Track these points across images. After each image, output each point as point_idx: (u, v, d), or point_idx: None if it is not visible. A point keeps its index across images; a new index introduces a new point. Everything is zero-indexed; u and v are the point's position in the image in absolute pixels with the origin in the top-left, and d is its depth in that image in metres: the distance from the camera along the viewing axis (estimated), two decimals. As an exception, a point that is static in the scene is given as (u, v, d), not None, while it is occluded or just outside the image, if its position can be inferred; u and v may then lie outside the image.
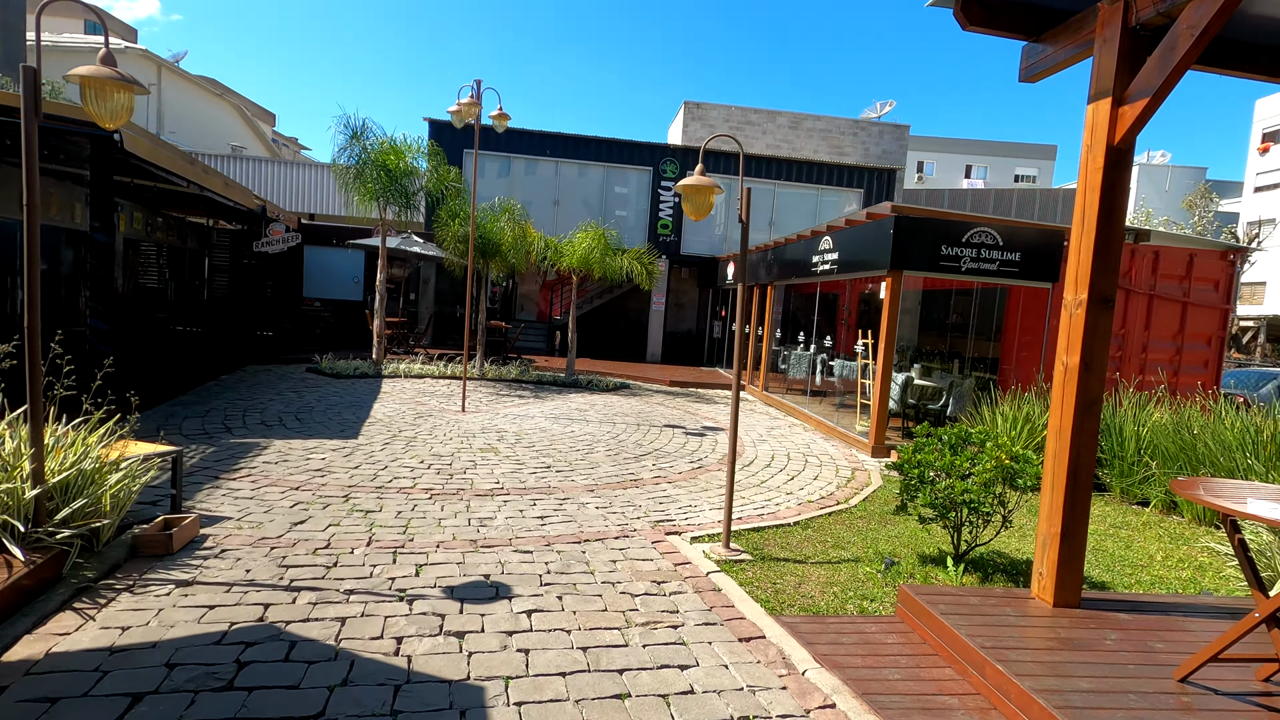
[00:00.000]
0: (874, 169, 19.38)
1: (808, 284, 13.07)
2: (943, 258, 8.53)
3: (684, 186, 4.55)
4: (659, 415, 10.61)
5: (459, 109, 9.18)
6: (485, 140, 18.34)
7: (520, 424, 9.01)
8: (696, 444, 8.61)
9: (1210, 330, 9.21)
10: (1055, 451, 3.52)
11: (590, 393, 12.62)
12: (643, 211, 19.08)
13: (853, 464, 8.15)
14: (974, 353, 11.73)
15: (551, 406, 10.67)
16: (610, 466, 7.03)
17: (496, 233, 12.73)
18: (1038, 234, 8.68)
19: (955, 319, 12.96)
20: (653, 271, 13.94)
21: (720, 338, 18.87)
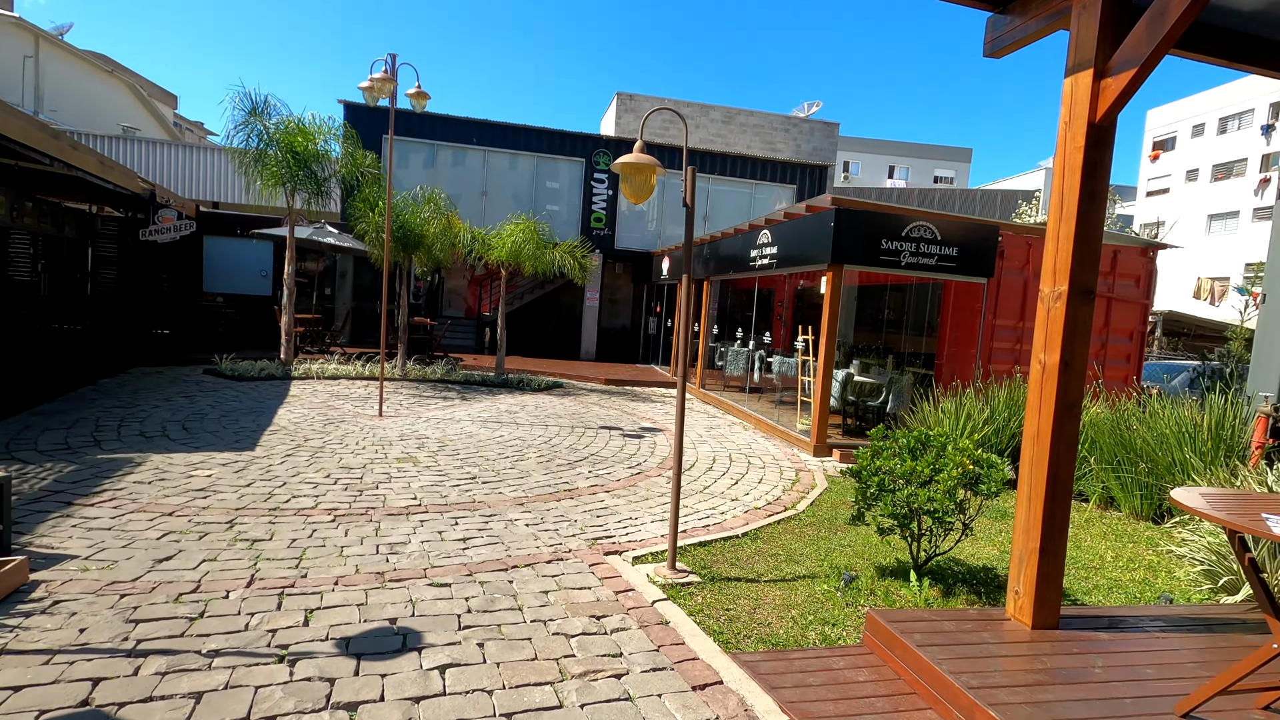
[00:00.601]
0: (806, 165, 19.42)
1: (745, 279, 12.82)
2: (883, 252, 8.36)
3: (623, 165, 4.04)
4: (594, 416, 10.09)
5: (371, 85, 8.36)
6: (407, 126, 17.31)
7: (444, 429, 8.30)
8: (635, 447, 8.14)
9: (1132, 325, 9.45)
10: (1033, 458, 3.22)
11: (521, 393, 11.97)
12: (575, 205, 18.47)
13: (796, 465, 7.87)
14: (909, 348, 11.74)
15: (479, 409, 9.98)
16: (542, 475, 6.46)
17: (419, 224, 11.89)
18: (974, 229, 8.63)
19: (890, 315, 12.99)
20: (586, 266, 13.38)
21: (656, 334, 18.51)
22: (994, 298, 8.88)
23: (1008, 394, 7.51)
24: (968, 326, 9.57)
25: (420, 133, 17.44)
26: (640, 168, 4.01)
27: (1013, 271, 8.94)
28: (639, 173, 4.02)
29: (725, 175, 19.06)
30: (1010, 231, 8.90)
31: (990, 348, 8.95)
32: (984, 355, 8.94)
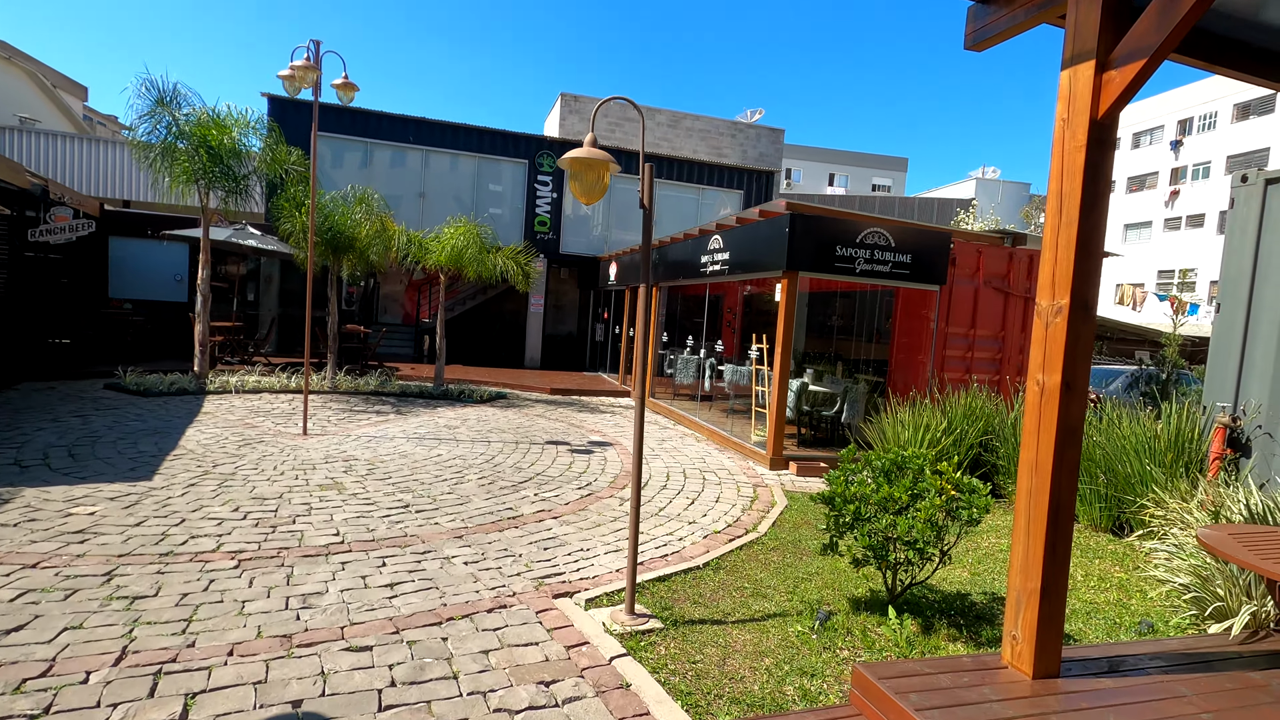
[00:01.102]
0: (753, 170, 19.34)
1: (695, 285, 12.51)
2: (837, 258, 8.15)
3: (572, 160, 3.59)
4: (540, 430, 9.55)
5: (292, 74, 7.64)
6: (339, 122, 16.38)
7: (375, 448, 7.63)
8: (584, 464, 7.66)
9: (1077, 332, 9.56)
10: (1031, 489, 2.91)
11: (462, 405, 11.31)
12: (518, 207, 17.86)
13: (753, 479, 7.55)
14: (859, 356, 11.65)
15: (416, 424, 9.30)
16: (484, 500, 5.92)
17: (350, 225, 11.10)
18: (926, 236, 8.53)
19: (839, 321, 12.91)
20: (530, 272, 12.82)
21: (603, 341, 18.05)
22: (946, 305, 8.80)
23: (965, 403, 7.38)
24: (919, 334, 9.48)
25: (353, 130, 16.51)
26: (592, 164, 3.56)
27: (964, 279, 8.89)
28: (590, 169, 3.57)
29: (672, 180, 18.79)
30: (961, 239, 8.85)
31: (943, 356, 8.87)
32: (937, 363, 8.84)
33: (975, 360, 9.07)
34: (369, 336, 15.20)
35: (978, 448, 7.21)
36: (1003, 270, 9.09)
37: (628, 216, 18.67)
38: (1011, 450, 6.91)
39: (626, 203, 18.60)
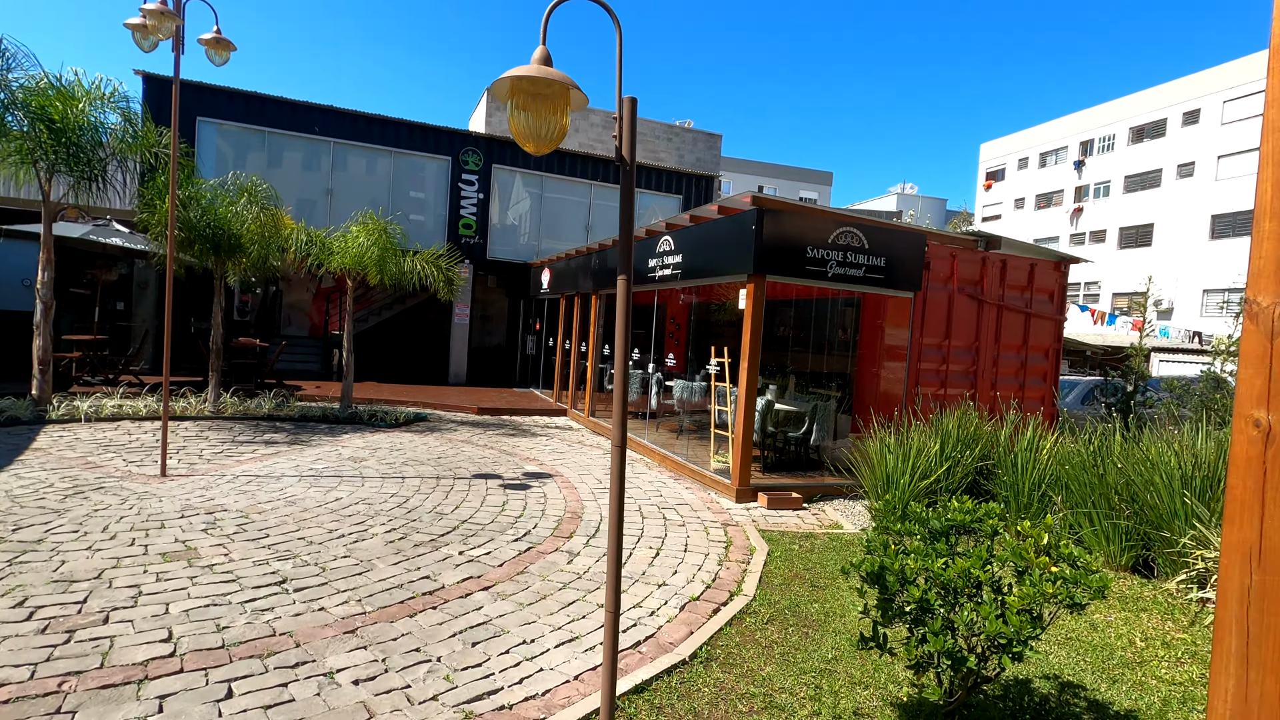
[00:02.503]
0: (693, 174, 18.50)
1: (641, 293, 11.39)
2: (809, 261, 7.21)
3: (515, 82, 2.37)
4: (466, 460, 8.15)
5: (144, 22, 6.04)
6: (231, 107, 14.42)
7: (255, 493, 6.07)
8: (520, 504, 6.36)
9: (1047, 342, 9.02)
10: (1251, 593, 1.89)
11: (373, 430, 9.74)
12: (441, 209, 16.30)
13: (719, 516, 6.44)
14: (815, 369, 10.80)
15: (313, 457, 7.73)
16: (391, 566, 4.54)
17: (232, 219, 9.37)
18: (901, 238, 7.73)
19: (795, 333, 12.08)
20: (453, 278, 11.39)
21: (535, 354, 16.68)
22: (920, 314, 8.02)
23: (957, 423, 6.53)
24: (889, 346, 8.68)
25: (248, 116, 14.57)
26: (545, 92, 2.36)
27: (937, 285, 8.15)
28: (543, 101, 2.36)
29: (609, 182, 17.68)
30: (935, 241, 8.11)
31: (918, 369, 8.08)
32: (912, 377, 8.04)
33: (950, 374, 8.33)
34: (267, 351, 13.30)
35: (973, 474, 6.36)
36: (976, 276, 8.41)
37: (564, 219, 17.41)
38: (1017, 479, 6.08)
39: (562, 203, 17.35)
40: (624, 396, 2.57)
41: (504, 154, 16.64)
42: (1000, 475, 6.23)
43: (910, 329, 8.01)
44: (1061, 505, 5.85)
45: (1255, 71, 35.08)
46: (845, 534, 6.12)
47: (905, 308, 8.12)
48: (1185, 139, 38.60)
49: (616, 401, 2.53)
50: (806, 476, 7.99)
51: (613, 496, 2.58)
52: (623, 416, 2.54)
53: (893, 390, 8.49)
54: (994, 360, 8.61)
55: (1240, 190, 35.31)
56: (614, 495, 2.58)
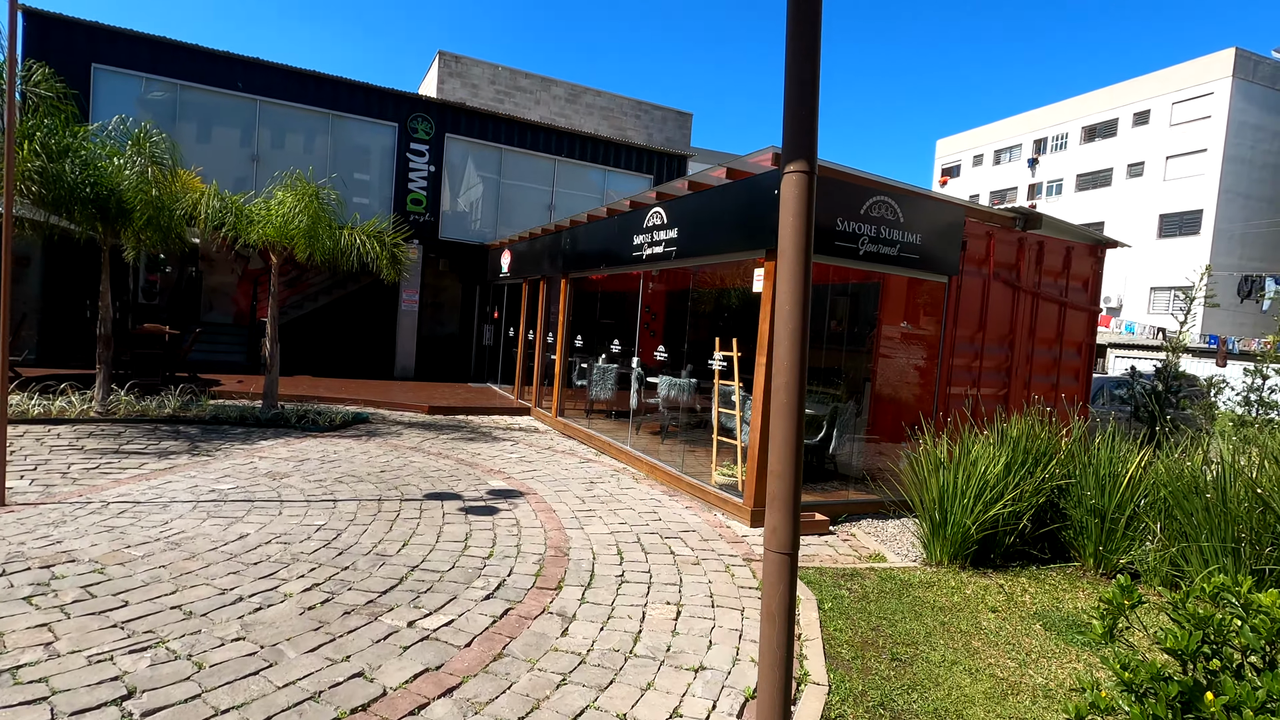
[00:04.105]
0: (664, 153, 17.16)
1: (620, 277, 10.03)
2: (838, 235, 5.99)
3: None
4: (416, 473, 6.67)
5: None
6: (134, 54, 12.36)
7: (126, 530, 4.49)
8: (487, 536, 4.95)
9: (1081, 336, 8.07)
10: None
11: (302, 435, 8.12)
12: (386, 181, 14.54)
13: (737, 547, 5.18)
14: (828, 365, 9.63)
15: (219, 472, 6.12)
16: (306, 656, 3.09)
17: (114, 175, 7.57)
18: (938, 211, 6.59)
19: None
20: (399, 256, 9.79)
21: (493, 345, 15.11)
22: (954, 302, 6.91)
23: (1024, 433, 5.41)
24: (914, 339, 7.57)
25: (156, 67, 12.52)
26: None
27: (972, 269, 7.06)
28: None
29: (573, 158, 16.20)
30: (973, 218, 7.00)
31: (950, 365, 6.97)
32: (943, 376, 6.93)
33: (984, 371, 7.26)
34: (179, 340, 11.41)
35: (1047, 496, 5.25)
36: (1013, 259, 7.36)
37: (525, 197, 15.84)
38: (1103, 503, 4.98)
39: (522, 179, 15.77)
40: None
41: (458, 123, 14.97)
42: (1079, 498, 5.13)
43: (944, 319, 6.89)
44: (1162, 536, 4.79)
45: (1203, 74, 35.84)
46: (895, 570, 4.94)
47: (937, 294, 7.00)
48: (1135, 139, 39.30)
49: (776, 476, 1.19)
50: (825, 491, 6.81)
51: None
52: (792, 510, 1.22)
53: (919, 390, 7.38)
54: (1028, 356, 7.59)
55: (1187, 190, 36.07)
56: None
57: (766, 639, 2.16)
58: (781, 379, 2.12)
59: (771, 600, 2.15)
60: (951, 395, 7.01)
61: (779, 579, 2.12)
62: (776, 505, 2.14)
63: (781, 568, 2.11)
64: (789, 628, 2.13)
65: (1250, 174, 34.42)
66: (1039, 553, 5.40)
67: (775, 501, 2.14)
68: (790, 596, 2.11)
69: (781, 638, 2.11)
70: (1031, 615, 4.25)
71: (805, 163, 2.14)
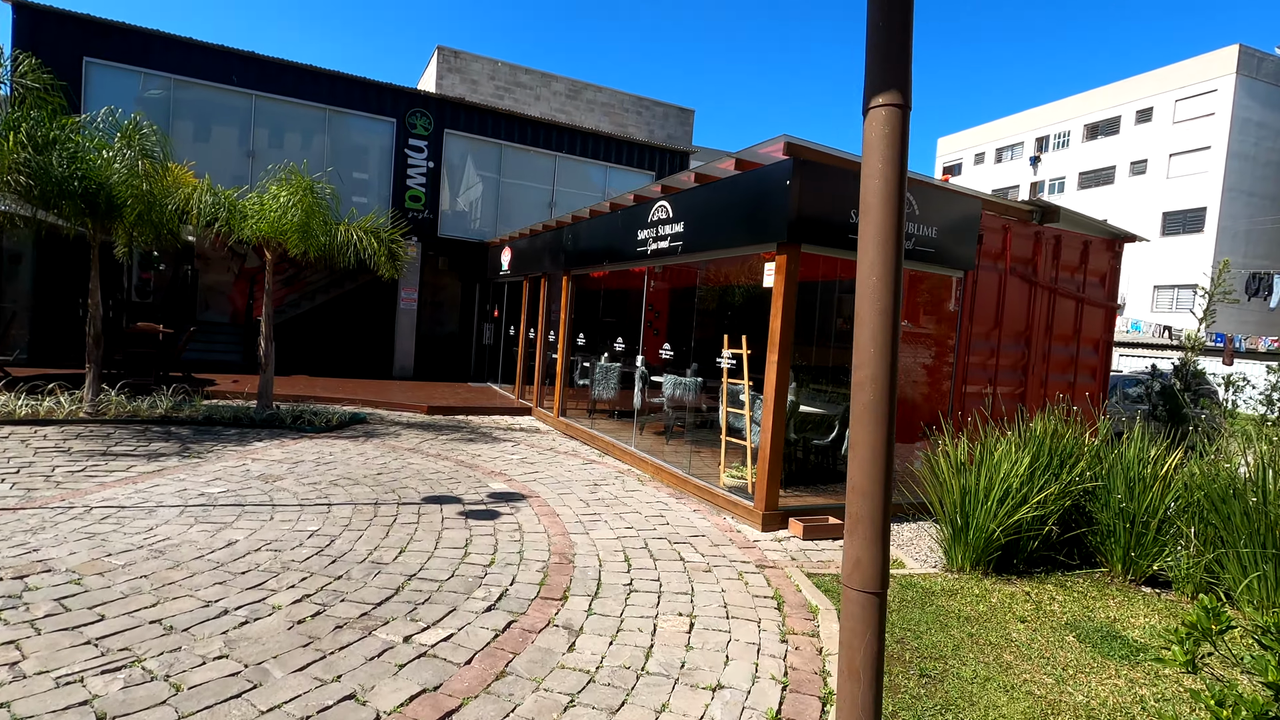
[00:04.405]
0: (667, 149, 16.93)
1: (623, 273, 9.80)
2: (852, 228, 5.77)
3: None
4: (415, 475, 6.44)
5: None
6: (126, 48, 12.13)
7: (109, 536, 4.26)
8: (488, 542, 4.73)
9: (1098, 333, 7.86)
10: None
11: (297, 436, 7.89)
12: (385, 178, 14.30)
13: (749, 553, 4.96)
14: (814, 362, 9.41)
15: (210, 475, 5.90)
16: (293, 676, 2.87)
17: (103, 168, 7.34)
18: (955, 203, 6.37)
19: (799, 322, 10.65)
20: (398, 252, 9.57)
21: (493, 344, 14.88)
22: (970, 298, 6.69)
23: (1048, 433, 5.19)
24: (926, 336, 7.35)
25: (149, 60, 12.28)
26: None
27: (988, 264, 6.84)
28: None
29: (574, 155, 15.96)
30: (989, 211, 6.78)
31: (966, 363, 6.75)
32: (959, 374, 6.70)
33: (1000, 370, 7.04)
34: (173, 338, 11.19)
35: (1072, 499, 5.02)
36: (1029, 254, 7.14)
37: (526, 194, 15.61)
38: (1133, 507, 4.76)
39: (522, 174, 15.53)
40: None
41: (457, 118, 14.74)
42: (1107, 500, 4.90)
43: (959, 315, 6.67)
44: (1195, 542, 4.57)
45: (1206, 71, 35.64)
46: (916, 577, 4.72)
47: (952, 289, 6.77)
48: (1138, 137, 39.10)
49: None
50: (836, 493, 6.58)
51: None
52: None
53: (933, 389, 7.15)
54: (1045, 354, 7.37)
55: (1190, 188, 35.87)
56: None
57: (848, 700, 1.80)
58: (866, 371, 1.79)
59: (854, 653, 1.77)
60: (967, 394, 6.80)
61: (864, 625, 1.76)
62: (860, 531, 1.80)
63: (868, 611, 1.76)
64: (877, 688, 1.77)
65: (1254, 171, 34.22)
66: (1064, 558, 5.17)
67: (859, 526, 1.81)
68: (879, 647, 1.75)
69: (868, 699, 1.75)
70: (1063, 625, 4.03)
71: (898, 94, 1.71)
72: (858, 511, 1.79)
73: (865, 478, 1.78)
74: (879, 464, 1.73)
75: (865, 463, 1.77)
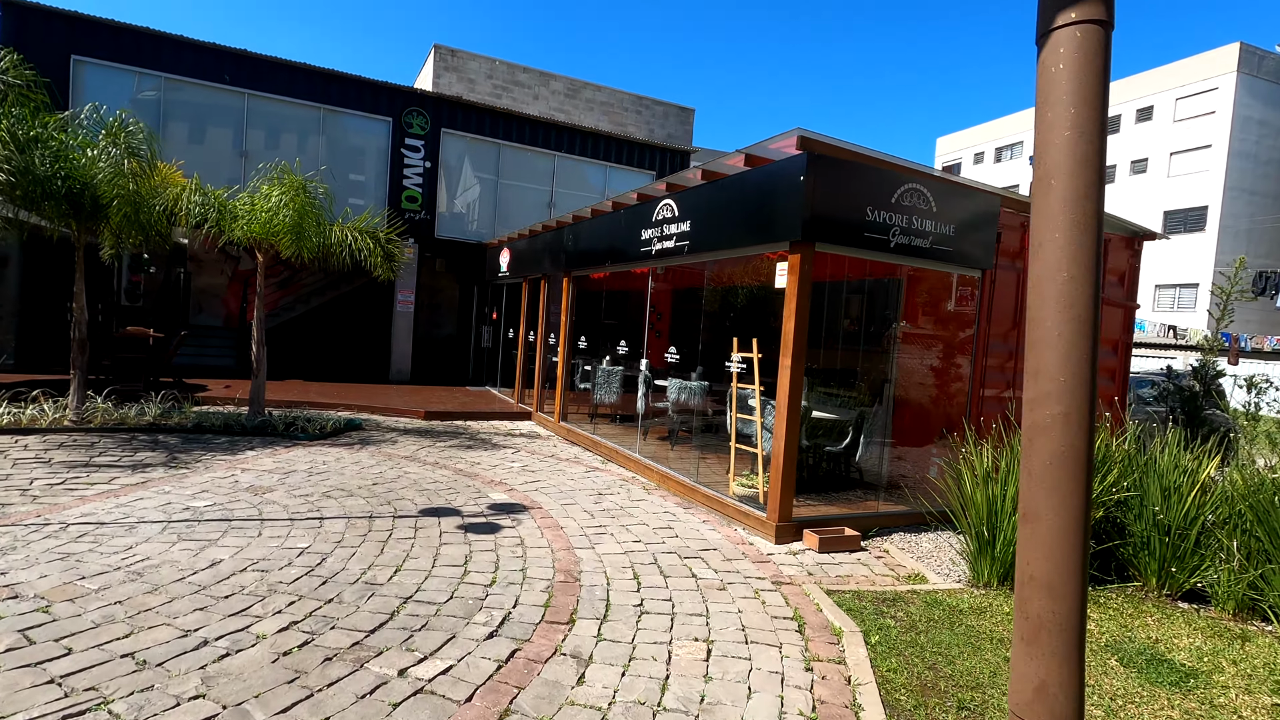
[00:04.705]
0: (668, 149, 16.68)
1: (625, 275, 9.55)
2: (868, 226, 5.52)
3: None
4: (411, 485, 6.17)
5: None
6: (117, 46, 11.86)
7: (84, 556, 3.99)
8: (489, 559, 4.46)
9: (1117, 334, 7.62)
10: None
11: (290, 444, 7.62)
12: (380, 178, 14.03)
13: (764, 568, 4.70)
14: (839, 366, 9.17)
15: (196, 487, 5.62)
16: (275, 714, 2.60)
17: (87, 167, 7.06)
18: (974, 200, 6.12)
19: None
20: (394, 253, 9.31)
21: (492, 347, 14.62)
22: (988, 297, 6.44)
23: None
24: (941, 338, 7.10)
25: (139, 59, 12.00)
26: None
27: (1005, 263, 6.59)
28: None
29: (573, 154, 15.70)
30: (1008, 208, 6.53)
31: (984, 366, 6.50)
32: (977, 377, 6.45)
33: (1018, 373, 6.78)
34: (164, 343, 10.90)
35: (1104, 509, 4.77)
36: (1047, 253, 6.88)
37: (524, 194, 15.36)
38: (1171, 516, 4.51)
39: (520, 173, 15.27)
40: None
41: (454, 117, 14.48)
42: (1140, 511, 4.65)
43: (978, 316, 6.42)
44: (1238, 556, 4.32)
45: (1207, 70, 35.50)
46: (941, 594, 4.46)
47: (969, 289, 6.52)
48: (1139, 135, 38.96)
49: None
50: (851, 502, 6.33)
51: None
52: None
53: (947, 393, 6.91)
54: (1063, 355, 7.10)
55: (1192, 187, 35.71)
56: None
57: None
58: (1053, 408, 1.14)
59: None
60: (985, 398, 6.55)
61: None
62: (1044, 642, 1.08)
63: None
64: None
65: (1256, 169, 34.07)
66: (1096, 571, 4.92)
67: (1042, 635, 1.10)
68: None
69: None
70: (1103, 647, 3.78)
71: (1100, 6, 1.15)
72: (1040, 614, 1.23)
73: (1051, 566, 1.22)
74: (1072, 546, 1.13)
75: (1051, 544, 1.19)
